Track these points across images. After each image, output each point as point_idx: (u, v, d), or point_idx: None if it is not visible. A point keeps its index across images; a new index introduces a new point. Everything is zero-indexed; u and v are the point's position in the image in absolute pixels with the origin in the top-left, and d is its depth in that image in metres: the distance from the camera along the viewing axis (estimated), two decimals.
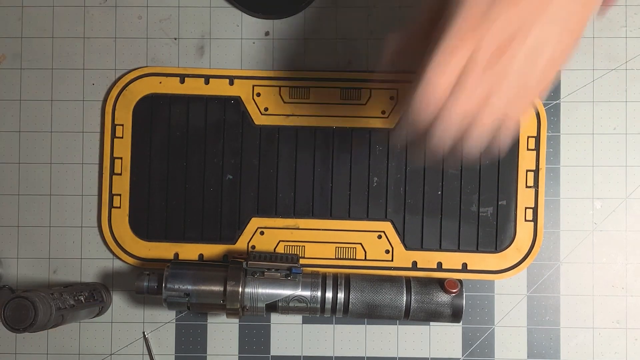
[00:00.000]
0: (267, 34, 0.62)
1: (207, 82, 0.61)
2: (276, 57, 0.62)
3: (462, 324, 0.61)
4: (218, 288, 0.55)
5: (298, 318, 0.61)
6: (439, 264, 0.60)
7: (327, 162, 0.61)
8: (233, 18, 0.62)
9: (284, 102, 0.61)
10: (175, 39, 0.62)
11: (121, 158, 0.61)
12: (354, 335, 0.61)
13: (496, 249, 0.60)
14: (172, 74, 0.61)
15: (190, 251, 0.61)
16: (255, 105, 0.61)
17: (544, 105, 0.60)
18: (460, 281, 0.57)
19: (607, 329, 0.60)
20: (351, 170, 0.60)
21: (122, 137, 0.61)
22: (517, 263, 0.60)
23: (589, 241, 0.60)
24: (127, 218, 0.61)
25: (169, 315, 0.61)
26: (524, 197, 0.60)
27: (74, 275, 0.62)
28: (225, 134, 0.61)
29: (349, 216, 0.61)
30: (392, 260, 0.60)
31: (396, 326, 0.61)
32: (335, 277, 0.57)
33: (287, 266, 0.56)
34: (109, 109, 0.61)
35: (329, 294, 0.56)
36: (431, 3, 0.43)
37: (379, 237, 0.61)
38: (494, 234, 0.60)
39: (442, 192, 0.60)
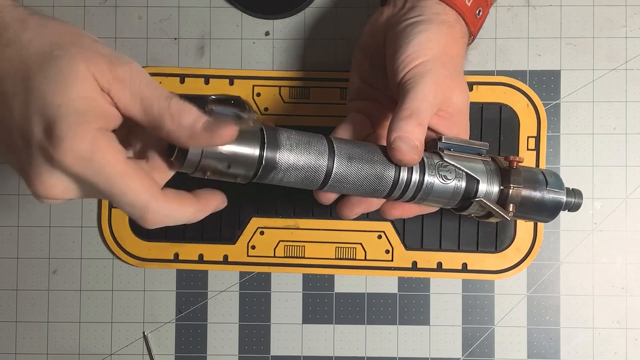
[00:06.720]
0: (267, 34, 0.62)
1: (207, 82, 0.61)
2: (276, 57, 0.62)
3: (462, 324, 0.61)
4: None
5: (298, 318, 0.61)
6: (439, 264, 0.60)
7: None
8: (233, 18, 0.62)
9: (284, 102, 0.61)
10: (175, 39, 0.62)
11: None
12: (354, 335, 0.61)
13: (496, 249, 0.60)
14: (172, 74, 0.61)
15: (190, 251, 0.61)
16: (255, 105, 0.61)
17: (544, 105, 0.60)
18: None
19: (607, 329, 0.60)
20: None
21: None
22: (517, 263, 0.60)
23: (589, 241, 0.60)
24: (127, 218, 0.61)
25: (169, 315, 0.61)
26: None
27: (74, 275, 0.62)
28: None
29: None
30: (392, 260, 0.60)
31: (396, 326, 0.61)
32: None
33: None
34: None
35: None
36: None
37: (379, 237, 0.61)
38: (494, 233, 0.60)
39: None
